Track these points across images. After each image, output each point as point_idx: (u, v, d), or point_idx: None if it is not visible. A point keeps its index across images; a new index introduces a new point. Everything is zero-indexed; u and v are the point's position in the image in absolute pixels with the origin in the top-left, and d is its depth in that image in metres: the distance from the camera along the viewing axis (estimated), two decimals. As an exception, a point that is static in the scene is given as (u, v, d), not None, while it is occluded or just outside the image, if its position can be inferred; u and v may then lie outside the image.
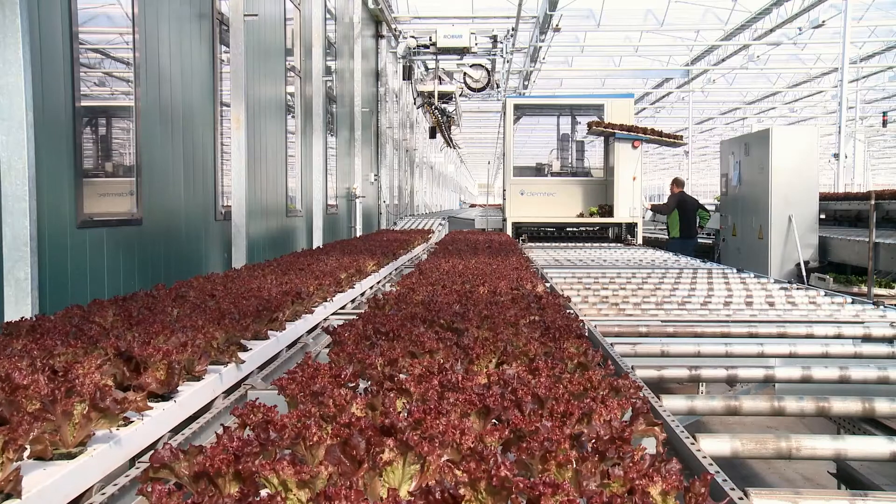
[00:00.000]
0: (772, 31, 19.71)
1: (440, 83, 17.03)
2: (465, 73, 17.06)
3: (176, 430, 2.12)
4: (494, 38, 16.26)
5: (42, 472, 1.59)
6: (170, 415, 2.13)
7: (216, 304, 3.40)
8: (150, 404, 1.99)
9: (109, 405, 1.78)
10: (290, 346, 3.32)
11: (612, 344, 3.25)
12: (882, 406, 2.64)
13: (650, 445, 1.83)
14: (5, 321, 2.90)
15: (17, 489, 1.45)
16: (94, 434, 1.78)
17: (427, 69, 17.97)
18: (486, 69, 16.95)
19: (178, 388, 2.22)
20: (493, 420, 1.82)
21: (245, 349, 2.76)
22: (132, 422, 1.92)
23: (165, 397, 2.17)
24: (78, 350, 2.31)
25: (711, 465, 1.74)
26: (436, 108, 18.17)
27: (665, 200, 13.34)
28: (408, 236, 10.27)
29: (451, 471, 1.48)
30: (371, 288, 5.44)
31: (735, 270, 7.05)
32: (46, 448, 1.63)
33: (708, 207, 13.29)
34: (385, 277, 6.26)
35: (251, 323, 3.02)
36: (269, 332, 3.14)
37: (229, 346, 2.64)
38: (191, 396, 2.26)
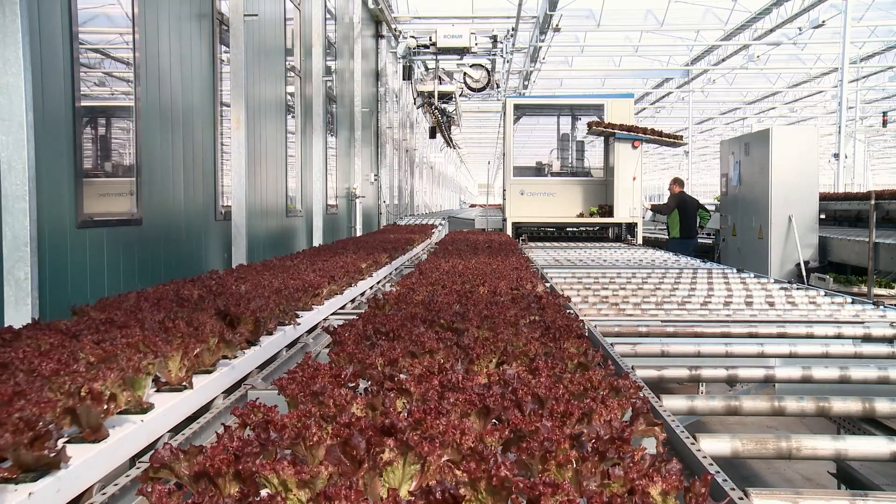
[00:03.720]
0: (772, 31, 19.72)
1: (440, 83, 17.03)
2: (465, 73, 17.06)
3: (262, 367, 2.89)
4: (494, 38, 16.27)
5: (194, 378, 2.36)
6: (258, 354, 2.92)
7: (269, 283, 4.17)
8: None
9: (232, 339, 2.64)
10: (289, 346, 3.34)
11: (612, 344, 3.25)
12: (882, 406, 2.64)
13: (650, 445, 1.83)
14: (99, 300, 3.39)
15: (190, 383, 2.31)
16: (219, 360, 2.56)
17: (427, 69, 17.97)
18: (486, 69, 16.95)
19: (260, 339, 2.98)
20: (493, 420, 1.82)
21: (298, 316, 3.53)
22: (236, 357, 2.69)
23: (252, 343, 2.91)
24: (187, 310, 3.06)
25: (712, 465, 1.74)
26: (436, 108, 18.17)
27: (665, 200, 13.34)
28: (412, 232, 11.07)
29: (451, 471, 1.48)
30: (371, 288, 5.45)
31: (735, 270, 7.05)
32: (193, 365, 2.37)
33: (708, 207, 13.28)
34: (395, 270, 6.65)
35: (301, 296, 3.82)
36: (313, 305, 3.93)
37: (288, 312, 3.42)
38: (269, 344, 3.06)
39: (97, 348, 2.23)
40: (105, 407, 1.81)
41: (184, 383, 2.28)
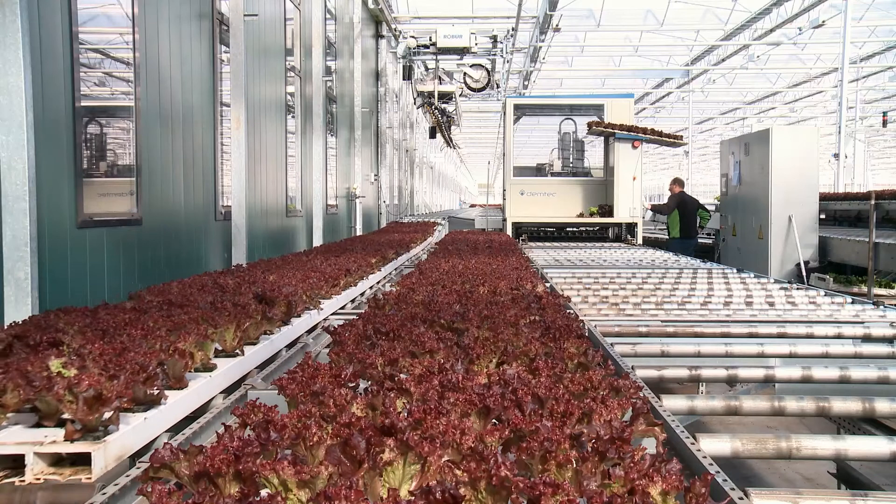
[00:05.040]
0: (772, 31, 19.72)
1: (440, 83, 17.02)
2: (465, 73, 17.05)
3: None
4: (494, 38, 16.26)
5: (243, 348, 2.84)
6: (291, 332, 3.40)
7: (292, 274, 4.61)
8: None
9: (272, 316, 3.13)
10: (289, 346, 3.34)
11: (612, 344, 3.25)
12: (882, 406, 2.64)
13: (650, 445, 1.83)
14: (139, 294, 3.67)
15: (242, 350, 2.79)
16: (262, 334, 3.06)
17: (427, 69, 17.96)
18: (486, 69, 16.94)
19: (291, 319, 3.44)
20: (494, 420, 1.82)
21: (321, 303, 3.98)
22: (273, 333, 3.16)
23: (285, 323, 3.36)
24: (229, 294, 3.57)
25: (712, 465, 1.74)
26: (436, 108, 18.16)
27: (665, 200, 13.33)
28: (414, 230, 11.50)
29: (451, 471, 1.48)
30: (371, 288, 5.45)
31: (735, 270, 7.05)
32: (243, 337, 2.83)
33: (708, 207, 13.28)
34: (395, 270, 6.81)
35: (323, 285, 4.32)
36: (332, 294, 4.40)
37: (313, 298, 3.89)
38: (299, 324, 3.54)
39: (168, 321, 2.76)
40: (186, 362, 2.31)
41: (236, 351, 2.75)
